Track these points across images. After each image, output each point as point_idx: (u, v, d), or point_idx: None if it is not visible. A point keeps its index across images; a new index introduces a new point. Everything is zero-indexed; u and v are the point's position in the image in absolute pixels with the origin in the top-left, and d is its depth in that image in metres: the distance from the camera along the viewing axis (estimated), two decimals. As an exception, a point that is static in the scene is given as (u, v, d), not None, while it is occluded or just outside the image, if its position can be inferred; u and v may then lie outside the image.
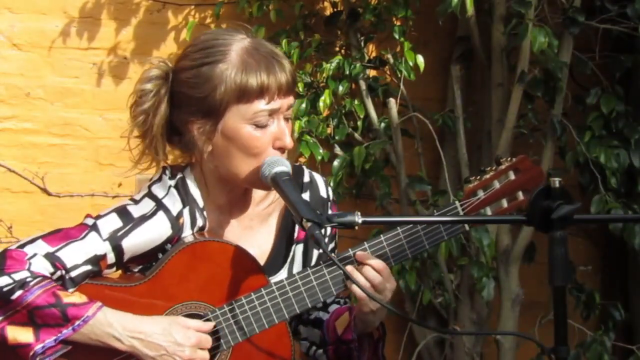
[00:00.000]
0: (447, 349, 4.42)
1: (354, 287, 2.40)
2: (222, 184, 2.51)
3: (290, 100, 2.46)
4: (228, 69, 2.41)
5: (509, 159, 2.52)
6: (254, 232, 2.57)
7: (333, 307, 2.66)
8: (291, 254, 2.59)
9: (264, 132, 2.43)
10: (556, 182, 2.13)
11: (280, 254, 2.58)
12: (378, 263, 2.43)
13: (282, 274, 2.55)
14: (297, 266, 2.59)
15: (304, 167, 2.67)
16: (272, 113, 2.43)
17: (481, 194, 2.50)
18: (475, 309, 4.33)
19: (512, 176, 2.51)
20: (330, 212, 2.62)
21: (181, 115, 2.47)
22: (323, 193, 2.64)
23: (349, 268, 2.42)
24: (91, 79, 4.27)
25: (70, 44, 4.25)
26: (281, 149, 2.45)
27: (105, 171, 4.27)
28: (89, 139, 4.27)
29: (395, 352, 4.46)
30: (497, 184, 2.51)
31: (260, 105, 2.41)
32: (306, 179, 2.64)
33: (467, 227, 2.53)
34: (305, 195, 2.59)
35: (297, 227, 2.59)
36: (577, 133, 4.20)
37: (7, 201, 4.20)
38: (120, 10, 4.29)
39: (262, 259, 2.53)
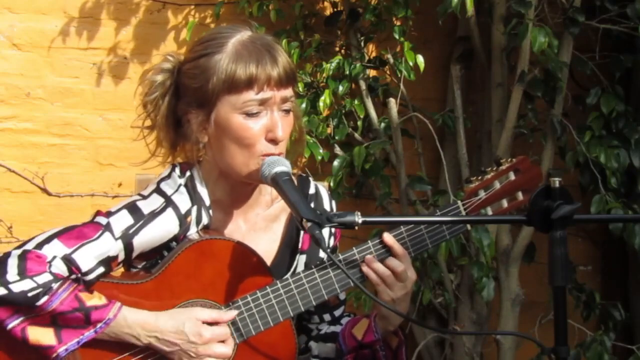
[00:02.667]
0: (447, 349, 4.42)
1: (370, 274, 2.43)
2: (224, 180, 2.52)
3: (285, 93, 2.45)
4: (222, 59, 2.43)
5: (509, 159, 2.54)
6: (258, 235, 2.57)
7: (345, 320, 2.67)
8: (295, 263, 2.59)
9: (256, 122, 2.43)
10: (556, 182, 2.13)
11: (284, 262, 2.58)
12: (399, 249, 2.46)
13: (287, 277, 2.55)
14: None
15: (311, 179, 2.67)
16: (263, 103, 2.43)
17: (482, 194, 2.51)
18: (475, 309, 4.33)
19: (512, 176, 2.52)
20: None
21: (181, 106, 2.50)
22: (327, 206, 2.65)
23: (369, 258, 2.45)
24: (91, 79, 4.27)
25: (70, 44, 4.24)
26: (273, 141, 2.44)
27: (105, 171, 4.27)
28: (89, 139, 4.27)
29: (395, 352, 4.46)
30: (497, 184, 2.52)
31: (250, 95, 2.42)
32: (311, 190, 2.65)
33: (468, 226, 2.53)
34: None
35: (301, 238, 2.59)
36: (577, 133, 4.19)
37: (7, 201, 4.20)
38: (120, 10, 4.29)
39: None
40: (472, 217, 2.55)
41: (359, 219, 2.24)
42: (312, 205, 2.60)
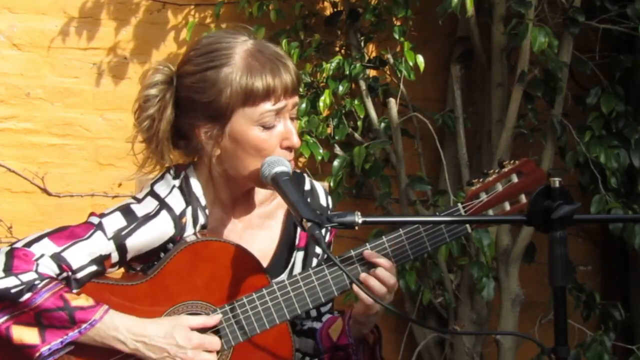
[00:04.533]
0: (447, 349, 4.42)
1: (358, 289, 2.39)
2: (229, 183, 2.51)
3: (295, 99, 2.47)
4: (233, 72, 2.40)
5: (512, 161, 2.51)
6: (256, 233, 2.57)
7: (326, 317, 2.66)
8: (292, 260, 2.59)
9: (271, 132, 2.43)
10: (556, 182, 2.13)
11: (282, 259, 2.58)
12: (386, 262, 2.43)
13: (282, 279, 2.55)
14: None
15: (306, 175, 2.67)
16: (278, 113, 2.43)
17: (484, 196, 2.48)
18: (475, 309, 4.33)
19: (515, 179, 2.49)
20: None
21: (187, 120, 2.47)
22: (323, 202, 2.65)
23: (363, 276, 2.42)
24: (91, 79, 4.28)
25: (70, 44, 4.25)
26: (289, 148, 2.45)
27: (105, 171, 4.27)
28: (89, 139, 4.27)
29: (395, 352, 4.46)
30: (499, 187, 2.49)
31: (267, 106, 2.41)
32: (307, 187, 2.64)
33: (469, 229, 2.51)
34: None
35: (298, 234, 2.59)
36: (577, 133, 4.20)
37: (7, 201, 4.20)
38: (120, 10, 4.29)
39: (263, 263, 2.51)
40: (472, 217, 2.53)
41: (359, 219, 2.24)
42: (308, 201, 2.59)
